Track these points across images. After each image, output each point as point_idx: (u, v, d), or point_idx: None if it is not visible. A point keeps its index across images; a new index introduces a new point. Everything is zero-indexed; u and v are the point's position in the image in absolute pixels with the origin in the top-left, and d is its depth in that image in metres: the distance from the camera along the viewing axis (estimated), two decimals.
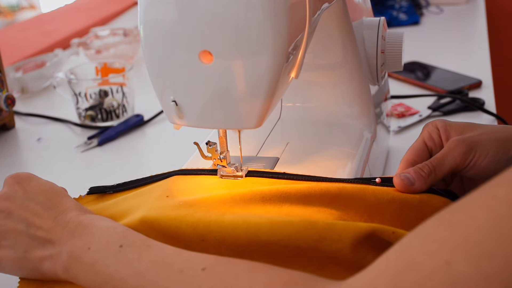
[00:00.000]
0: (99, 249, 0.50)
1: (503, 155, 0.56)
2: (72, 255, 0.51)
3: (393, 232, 0.49)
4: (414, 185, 0.56)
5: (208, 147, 0.60)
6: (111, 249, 0.49)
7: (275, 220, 0.51)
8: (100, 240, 0.51)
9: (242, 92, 0.52)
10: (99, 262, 0.49)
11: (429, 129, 0.61)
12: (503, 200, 0.34)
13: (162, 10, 0.51)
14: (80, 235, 0.52)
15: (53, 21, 1.74)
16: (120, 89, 1.01)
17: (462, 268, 0.34)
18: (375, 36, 0.74)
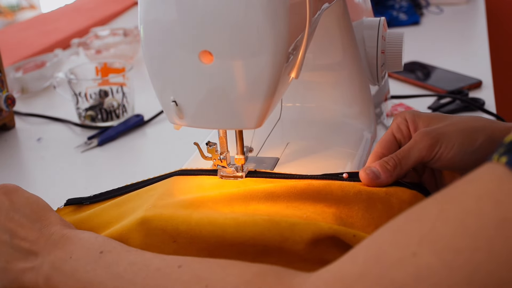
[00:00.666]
0: (80, 257, 0.50)
1: (468, 146, 0.57)
2: (54, 265, 0.51)
3: (354, 235, 0.49)
4: (379, 179, 0.57)
5: (208, 147, 0.60)
6: (92, 256, 0.50)
7: (240, 220, 0.51)
8: (82, 249, 0.51)
9: (242, 92, 0.52)
10: (80, 269, 0.50)
11: (398, 121, 0.61)
12: (472, 196, 0.35)
13: (162, 10, 0.51)
14: (62, 246, 0.52)
15: (53, 21, 1.74)
16: (120, 89, 1.01)
17: (427, 259, 0.34)
18: (375, 36, 0.74)
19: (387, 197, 0.56)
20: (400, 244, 0.36)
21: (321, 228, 0.50)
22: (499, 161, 0.34)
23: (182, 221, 0.53)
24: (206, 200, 0.56)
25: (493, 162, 0.35)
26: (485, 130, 0.57)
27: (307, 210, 0.54)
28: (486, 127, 0.58)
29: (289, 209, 0.54)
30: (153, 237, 0.53)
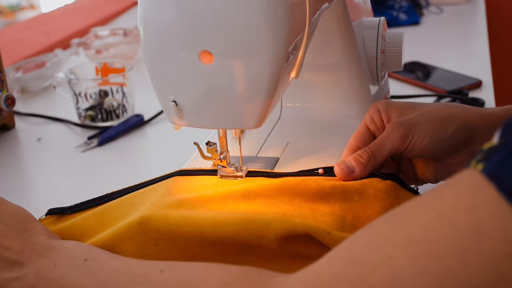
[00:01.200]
0: (64, 265, 0.51)
1: (441, 135, 0.57)
2: (39, 273, 0.51)
3: (328, 233, 0.49)
4: (354, 173, 0.58)
5: (208, 147, 0.60)
6: (76, 264, 0.50)
7: (217, 220, 0.52)
8: (66, 257, 0.51)
9: (242, 92, 0.52)
10: (64, 277, 0.50)
11: (371, 112, 0.62)
12: (448, 203, 0.35)
13: (162, 10, 0.51)
14: (47, 255, 0.52)
15: (53, 21, 1.74)
16: (120, 89, 1.01)
17: (402, 264, 0.35)
18: (375, 36, 0.74)
19: (362, 187, 0.56)
20: (377, 248, 0.37)
21: (295, 226, 0.50)
22: (476, 167, 0.34)
23: (162, 223, 0.53)
24: (184, 201, 0.57)
25: (471, 168, 0.35)
26: (457, 118, 0.58)
27: (283, 206, 0.55)
28: (459, 115, 0.58)
29: (266, 206, 0.55)
30: (135, 243, 0.54)
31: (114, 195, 0.63)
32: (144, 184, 0.64)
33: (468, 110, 0.59)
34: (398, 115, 0.60)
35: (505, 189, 0.32)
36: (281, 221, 0.50)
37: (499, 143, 0.34)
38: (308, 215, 0.53)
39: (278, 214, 0.53)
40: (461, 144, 0.58)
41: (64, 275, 0.50)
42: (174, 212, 0.54)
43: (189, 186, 0.61)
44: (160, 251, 0.53)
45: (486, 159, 0.34)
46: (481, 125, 0.58)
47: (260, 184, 0.58)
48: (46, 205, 0.79)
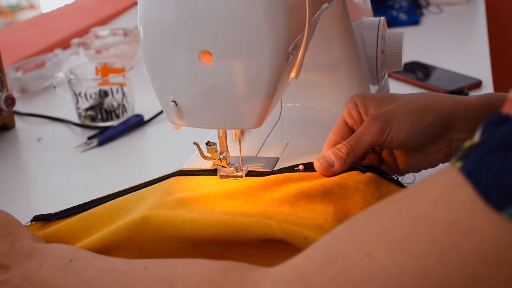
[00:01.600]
0: (50, 266, 0.51)
1: (418, 126, 0.57)
2: (24, 276, 0.51)
3: (306, 238, 0.50)
4: (333, 167, 0.58)
5: (208, 147, 0.60)
6: (61, 264, 0.50)
7: (198, 223, 0.52)
8: (52, 258, 0.51)
9: (242, 92, 0.52)
10: (50, 278, 0.50)
11: (348, 106, 0.62)
12: (426, 199, 0.35)
13: (161, 10, 0.51)
14: (33, 258, 0.52)
15: (53, 21, 1.74)
16: (120, 89, 1.01)
17: (381, 259, 0.35)
18: (375, 36, 0.74)
19: (342, 180, 0.57)
20: (356, 243, 0.37)
21: (273, 232, 0.50)
22: (455, 165, 0.34)
23: (146, 227, 0.54)
24: (167, 203, 0.57)
25: (451, 165, 0.35)
26: (435, 108, 0.58)
27: (264, 204, 0.55)
28: (436, 104, 0.58)
29: (247, 205, 0.55)
30: (121, 248, 0.54)
31: (99, 201, 0.63)
32: (137, 187, 0.64)
33: (446, 99, 0.59)
34: (376, 108, 0.60)
35: (481, 188, 0.32)
36: (259, 226, 0.51)
37: (479, 141, 0.34)
38: (289, 212, 0.54)
39: (258, 213, 0.53)
40: (439, 133, 0.58)
41: (50, 276, 0.50)
42: (157, 215, 0.54)
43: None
44: (145, 254, 0.53)
45: (465, 157, 0.34)
46: (459, 113, 0.58)
47: (241, 183, 0.58)
48: (46, 205, 0.79)
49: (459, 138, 0.58)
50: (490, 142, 0.33)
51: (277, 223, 0.51)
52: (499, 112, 0.35)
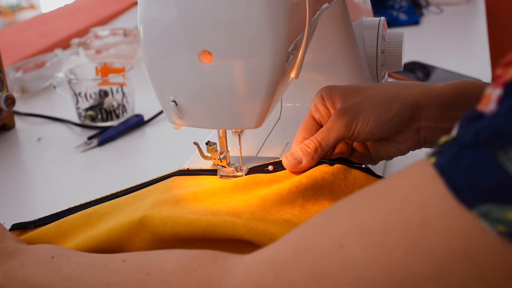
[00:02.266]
0: (32, 264, 0.51)
1: (384, 116, 0.58)
2: (6, 274, 0.51)
3: (270, 238, 0.50)
4: (301, 163, 0.58)
5: (208, 147, 0.60)
6: (43, 261, 0.50)
7: (167, 224, 0.53)
8: (34, 256, 0.52)
9: (242, 92, 0.52)
10: (31, 275, 0.50)
11: (315, 101, 0.62)
12: (399, 194, 0.35)
13: (162, 10, 0.51)
14: (16, 257, 0.52)
15: (53, 21, 1.74)
16: (120, 89, 1.01)
17: (353, 252, 0.35)
18: (375, 36, 0.74)
19: (310, 171, 0.57)
20: (329, 235, 0.37)
21: (239, 233, 0.51)
22: (429, 160, 0.34)
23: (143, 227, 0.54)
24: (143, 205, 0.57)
25: (425, 160, 0.35)
26: (400, 98, 0.58)
27: (233, 203, 0.55)
28: (400, 94, 0.58)
29: (216, 205, 0.55)
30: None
31: (77, 209, 0.63)
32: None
33: (411, 88, 0.59)
34: (342, 101, 0.60)
35: (453, 184, 0.32)
36: (226, 227, 0.51)
37: (453, 137, 0.34)
38: (257, 208, 0.54)
39: (226, 212, 0.54)
40: (406, 122, 0.58)
41: (31, 273, 0.50)
42: (129, 222, 0.55)
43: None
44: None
45: (438, 153, 0.34)
46: (424, 101, 0.58)
47: (213, 186, 0.59)
48: (46, 205, 0.79)
49: (427, 126, 0.59)
50: (463, 139, 0.33)
51: (243, 223, 0.51)
52: (474, 109, 0.35)
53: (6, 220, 0.75)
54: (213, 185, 0.59)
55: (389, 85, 0.60)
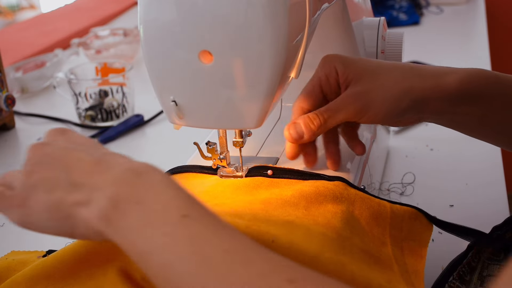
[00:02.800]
0: (153, 210, 0.40)
1: (394, 110, 0.58)
2: (113, 201, 0.41)
3: (273, 241, 0.49)
4: (302, 138, 0.59)
5: (208, 147, 0.60)
6: (171, 217, 0.40)
7: None
8: (156, 198, 0.41)
9: (242, 92, 0.52)
10: (153, 224, 0.39)
11: (327, 71, 0.61)
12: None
13: (162, 10, 0.51)
14: (127, 182, 0.43)
15: (53, 21, 1.74)
16: (120, 89, 1.01)
17: None
18: (375, 36, 0.74)
19: (311, 182, 0.58)
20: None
21: (242, 231, 0.50)
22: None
23: None
24: None
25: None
26: (411, 93, 0.58)
27: (234, 204, 0.55)
28: (413, 89, 0.58)
29: (217, 207, 0.55)
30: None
31: None
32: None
33: (424, 82, 0.58)
34: (356, 81, 0.59)
35: None
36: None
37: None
38: (260, 210, 0.54)
39: (228, 213, 0.53)
40: (410, 113, 0.59)
41: (153, 221, 0.40)
42: None
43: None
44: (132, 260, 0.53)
45: None
46: (433, 96, 0.58)
47: (213, 187, 0.59)
48: None
49: (429, 117, 0.60)
50: None
51: (245, 224, 0.51)
52: None
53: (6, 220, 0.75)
54: (214, 187, 0.59)
55: (403, 73, 0.59)
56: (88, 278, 0.53)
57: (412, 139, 0.92)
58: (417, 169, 0.81)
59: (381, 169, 0.80)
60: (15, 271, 0.55)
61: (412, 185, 0.77)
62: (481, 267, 0.55)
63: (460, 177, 0.79)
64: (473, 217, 0.69)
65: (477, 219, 0.68)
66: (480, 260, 0.55)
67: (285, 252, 0.48)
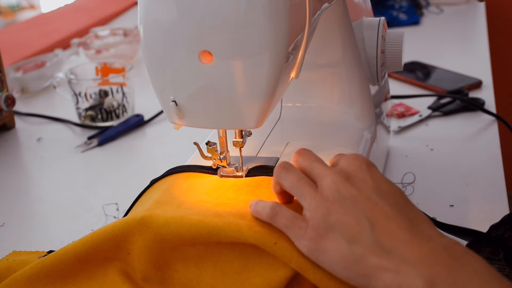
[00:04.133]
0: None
1: None
2: (430, 283, 0.40)
3: (275, 243, 0.49)
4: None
5: (208, 147, 0.60)
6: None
7: (171, 225, 0.52)
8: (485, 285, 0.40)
9: (242, 92, 0.52)
10: None
11: None
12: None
13: (162, 10, 0.51)
14: (444, 265, 0.41)
15: (53, 21, 1.74)
16: (120, 89, 1.01)
17: None
18: (375, 36, 0.74)
19: None
20: None
21: (244, 237, 0.50)
22: None
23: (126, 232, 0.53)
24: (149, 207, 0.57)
25: None
26: None
27: (236, 205, 0.55)
28: None
29: (220, 206, 0.55)
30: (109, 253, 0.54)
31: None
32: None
33: None
34: None
35: None
36: (231, 230, 0.51)
37: None
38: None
39: (230, 213, 0.53)
40: None
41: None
42: (133, 219, 0.54)
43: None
44: (132, 260, 0.53)
45: None
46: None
47: (214, 188, 0.59)
48: (46, 205, 0.79)
49: None
50: None
51: (248, 225, 0.51)
52: None
53: (6, 220, 0.76)
54: (215, 188, 0.59)
55: None
56: (88, 278, 0.53)
57: (412, 139, 0.91)
58: (417, 169, 0.81)
59: (381, 169, 0.80)
60: (16, 272, 0.55)
61: (412, 185, 0.77)
62: None
63: (460, 177, 0.79)
64: (473, 217, 0.69)
65: (477, 219, 0.68)
66: None
67: (287, 253, 0.48)
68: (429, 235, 0.43)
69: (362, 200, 0.46)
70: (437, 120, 0.97)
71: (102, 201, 0.76)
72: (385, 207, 0.45)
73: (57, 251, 0.54)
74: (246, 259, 0.51)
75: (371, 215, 0.45)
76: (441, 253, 0.42)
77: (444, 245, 0.42)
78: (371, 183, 0.47)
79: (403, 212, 0.45)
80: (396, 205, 0.46)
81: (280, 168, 0.51)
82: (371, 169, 0.48)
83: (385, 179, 0.48)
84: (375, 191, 0.46)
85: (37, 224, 0.74)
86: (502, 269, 0.54)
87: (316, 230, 0.46)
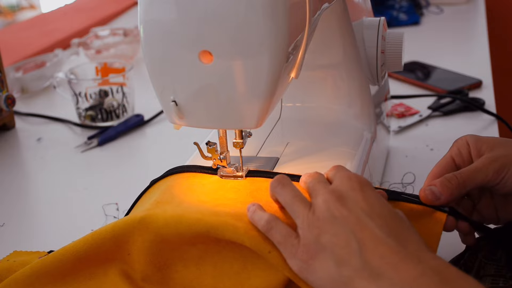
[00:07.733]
0: None
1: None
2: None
3: (270, 252, 0.49)
4: (440, 199, 0.54)
5: (208, 147, 0.60)
6: None
7: (171, 223, 0.52)
8: None
9: (242, 92, 0.52)
10: None
11: (459, 145, 0.59)
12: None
13: (162, 10, 0.51)
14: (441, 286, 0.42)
15: (53, 21, 1.74)
16: (120, 89, 1.01)
17: None
18: (375, 36, 0.74)
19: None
20: None
21: (241, 239, 0.50)
22: None
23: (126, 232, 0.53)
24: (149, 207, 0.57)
25: None
26: None
27: (235, 206, 0.55)
28: None
29: (219, 207, 0.55)
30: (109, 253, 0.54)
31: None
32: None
33: None
34: (489, 150, 0.57)
35: None
36: (227, 230, 0.51)
37: None
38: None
39: (228, 214, 0.53)
40: None
41: None
42: (133, 219, 0.54)
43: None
44: (132, 260, 0.53)
45: None
46: None
47: (214, 189, 0.59)
48: (46, 205, 0.79)
49: None
50: None
51: (244, 229, 0.51)
52: None
53: (6, 220, 0.76)
54: (215, 190, 0.59)
55: None
56: (88, 278, 0.53)
57: (412, 139, 0.91)
58: (417, 169, 0.81)
59: (381, 169, 0.80)
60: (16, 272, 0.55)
61: (412, 185, 0.77)
62: (478, 267, 0.54)
63: None
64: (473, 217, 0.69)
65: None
66: (477, 259, 0.55)
67: (280, 263, 0.49)
68: (420, 257, 0.44)
69: (352, 221, 0.46)
70: (437, 120, 0.97)
71: (102, 201, 0.77)
72: (375, 229, 0.45)
73: (57, 251, 0.54)
74: (245, 260, 0.51)
75: (360, 236, 0.45)
76: (432, 277, 0.42)
77: (435, 268, 0.42)
78: (363, 204, 0.47)
79: (394, 233, 0.45)
80: (387, 226, 0.46)
81: (276, 183, 0.53)
82: (364, 188, 0.49)
83: (379, 199, 0.49)
84: (366, 212, 0.47)
85: (37, 224, 0.74)
86: (499, 270, 0.54)
87: (307, 250, 0.47)
